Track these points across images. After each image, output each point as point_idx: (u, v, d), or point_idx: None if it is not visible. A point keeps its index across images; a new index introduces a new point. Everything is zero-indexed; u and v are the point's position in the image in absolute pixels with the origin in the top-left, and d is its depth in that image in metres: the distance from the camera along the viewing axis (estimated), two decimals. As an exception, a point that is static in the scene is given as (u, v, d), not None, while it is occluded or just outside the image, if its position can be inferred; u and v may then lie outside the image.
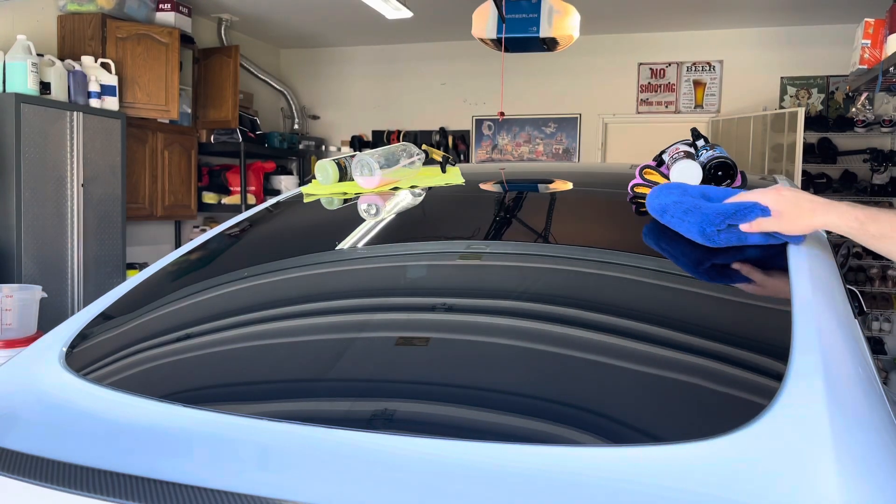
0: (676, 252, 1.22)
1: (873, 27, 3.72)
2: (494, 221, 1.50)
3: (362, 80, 7.39)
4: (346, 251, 1.39)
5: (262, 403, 0.90)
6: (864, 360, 0.88)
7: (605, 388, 0.88)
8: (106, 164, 4.67)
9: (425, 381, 0.94)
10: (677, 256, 1.21)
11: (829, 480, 0.67)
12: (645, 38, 6.58)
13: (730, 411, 0.79)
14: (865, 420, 0.76)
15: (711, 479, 0.68)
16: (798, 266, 1.05)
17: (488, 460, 0.73)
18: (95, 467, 0.76)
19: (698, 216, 1.11)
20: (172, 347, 1.09)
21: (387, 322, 1.12)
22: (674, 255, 1.22)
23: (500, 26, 4.32)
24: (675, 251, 1.22)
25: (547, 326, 1.05)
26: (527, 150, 6.99)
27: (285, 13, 6.18)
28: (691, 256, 1.18)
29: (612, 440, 0.78)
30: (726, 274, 1.15)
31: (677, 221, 1.15)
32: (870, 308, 5.78)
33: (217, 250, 1.52)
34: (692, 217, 1.11)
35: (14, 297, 3.40)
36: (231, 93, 6.02)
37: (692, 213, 1.12)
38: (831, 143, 6.02)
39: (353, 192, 1.66)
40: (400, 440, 0.78)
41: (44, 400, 0.97)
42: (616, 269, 1.21)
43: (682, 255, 1.21)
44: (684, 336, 0.99)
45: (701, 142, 1.50)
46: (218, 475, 0.74)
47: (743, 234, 1.09)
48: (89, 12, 4.92)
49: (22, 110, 4.06)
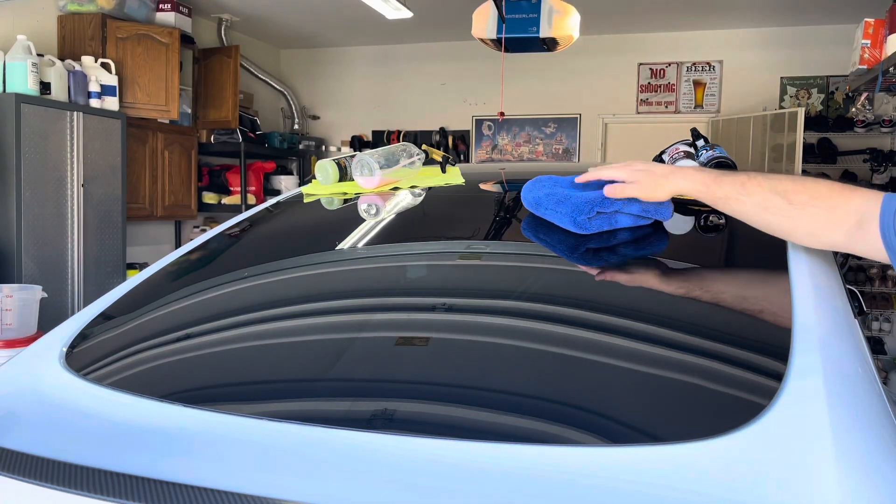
0: (676, 252, 1.22)
1: (873, 27, 3.72)
2: (494, 221, 1.50)
3: (362, 80, 7.39)
4: (346, 251, 1.39)
5: (263, 403, 0.90)
6: (864, 360, 0.88)
7: (605, 389, 0.88)
8: (106, 164, 4.67)
9: (425, 381, 0.94)
10: (677, 256, 1.21)
11: (829, 480, 0.67)
12: (645, 38, 6.58)
13: (730, 411, 0.79)
14: (865, 420, 0.76)
15: (711, 479, 0.68)
16: (798, 266, 1.06)
17: (488, 460, 0.73)
18: (95, 467, 0.76)
19: (568, 206, 1.16)
20: (173, 347, 1.09)
21: (387, 322, 1.12)
22: (674, 255, 1.22)
23: (500, 26, 4.32)
24: (676, 251, 1.22)
25: (547, 326, 1.05)
26: (527, 150, 6.99)
27: (285, 13, 6.18)
28: (691, 256, 1.18)
29: (612, 440, 0.78)
30: (726, 274, 1.15)
31: (551, 213, 1.20)
32: (870, 308, 5.78)
33: (217, 250, 1.52)
34: (563, 207, 1.17)
35: (14, 297, 3.40)
36: (231, 93, 6.02)
37: (563, 203, 1.18)
38: (831, 143, 6.02)
39: (353, 192, 1.66)
40: (400, 440, 0.78)
41: (44, 400, 0.97)
42: (616, 269, 1.21)
43: (682, 255, 1.21)
44: (684, 336, 0.99)
45: (701, 142, 1.50)
46: (218, 475, 0.74)
47: (612, 219, 1.15)
48: (89, 12, 4.92)
49: (22, 110, 4.06)
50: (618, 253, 1.20)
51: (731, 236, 1.31)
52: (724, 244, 1.30)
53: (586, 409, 0.85)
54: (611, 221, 1.16)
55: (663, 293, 1.12)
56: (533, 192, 1.27)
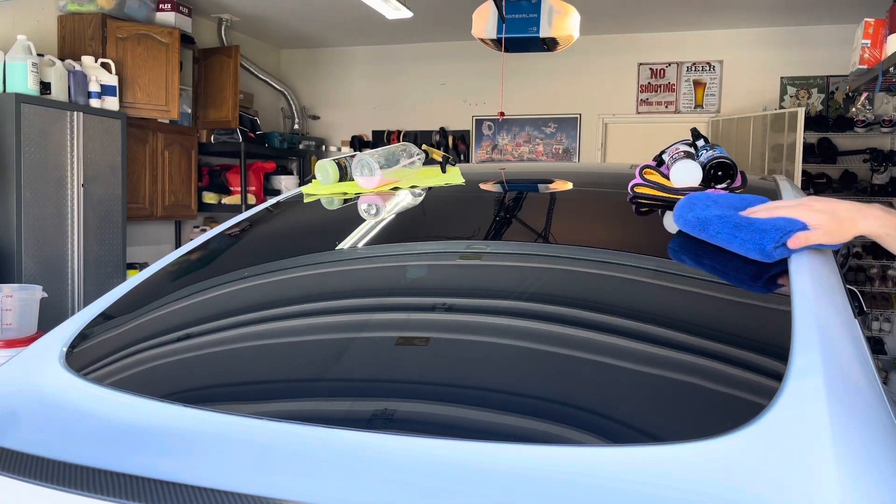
0: (677, 252, 1.22)
1: (873, 27, 3.72)
2: (494, 221, 1.50)
3: (362, 80, 7.39)
4: (346, 251, 1.39)
5: (263, 403, 0.90)
6: (864, 360, 0.88)
7: (605, 388, 0.88)
8: (106, 164, 4.67)
9: (426, 381, 0.94)
10: (677, 256, 1.21)
11: (829, 480, 0.67)
12: (645, 38, 6.58)
13: (730, 411, 0.79)
14: (865, 420, 0.76)
15: (711, 479, 0.68)
16: (798, 266, 1.06)
17: (488, 460, 0.73)
18: (95, 467, 0.76)
19: (755, 233, 1.07)
20: (173, 347, 1.09)
21: (387, 322, 1.12)
22: (674, 255, 1.22)
23: (500, 26, 4.32)
24: (677, 252, 1.22)
25: (547, 326, 1.05)
26: (527, 150, 6.99)
27: (285, 13, 6.18)
28: (691, 256, 1.18)
29: (612, 440, 0.78)
30: (727, 274, 1.15)
31: (725, 237, 1.11)
32: (870, 308, 5.78)
33: (217, 250, 1.52)
34: (745, 234, 1.08)
35: (14, 296, 3.40)
36: (231, 93, 6.02)
37: (744, 228, 1.09)
38: (831, 143, 6.02)
39: (353, 192, 1.66)
40: (400, 440, 0.78)
41: (44, 400, 0.97)
42: (616, 269, 1.21)
43: (682, 255, 1.21)
44: (684, 336, 0.99)
45: (701, 142, 1.50)
46: (218, 475, 0.74)
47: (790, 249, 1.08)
48: (89, 12, 4.92)
49: (22, 110, 4.06)
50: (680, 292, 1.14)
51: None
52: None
53: (586, 409, 0.85)
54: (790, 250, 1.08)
55: (663, 293, 1.12)
56: (695, 211, 1.18)
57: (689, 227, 1.18)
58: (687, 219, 1.18)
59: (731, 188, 1.41)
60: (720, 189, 1.40)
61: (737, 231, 1.09)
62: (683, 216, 1.20)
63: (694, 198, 1.23)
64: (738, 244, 1.09)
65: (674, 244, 1.25)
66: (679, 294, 1.12)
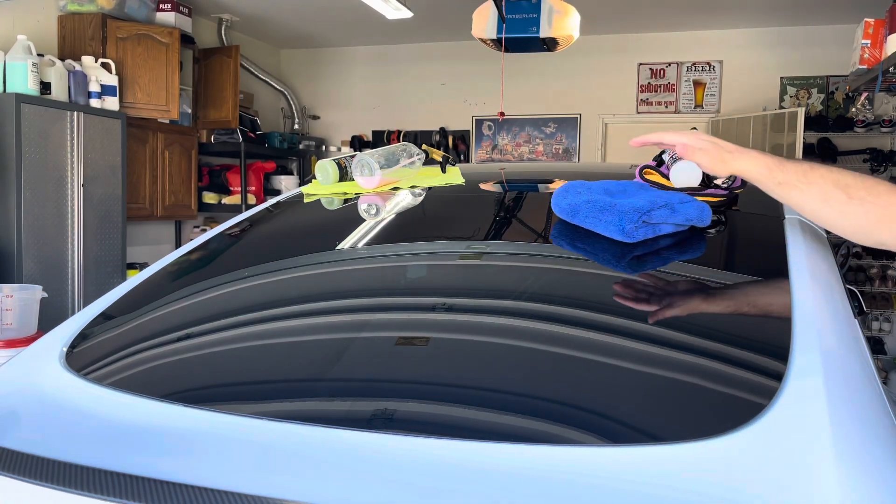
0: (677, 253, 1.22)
1: (873, 27, 3.72)
2: (494, 221, 1.50)
3: (362, 80, 7.39)
4: (346, 251, 1.39)
5: (263, 403, 0.90)
6: (864, 360, 0.88)
7: (605, 388, 0.88)
8: (106, 164, 4.67)
9: (426, 381, 0.95)
10: (678, 257, 1.21)
11: (828, 480, 0.67)
12: (645, 38, 6.58)
13: (730, 411, 0.79)
14: (865, 420, 0.76)
15: (711, 479, 0.68)
16: (798, 266, 1.06)
17: (488, 460, 0.73)
18: (95, 467, 0.76)
19: (615, 214, 1.14)
20: (173, 347, 1.09)
21: (387, 322, 1.12)
22: (675, 256, 1.22)
23: (500, 26, 4.32)
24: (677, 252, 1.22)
25: (547, 326, 1.05)
26: (527, 150, 6.99)
27: (285, 13, 6.18)
28: (691, 257, 1.18)
29: (613, 440, 0.78)
30: (727, 274, 1.15)
31: (592, 221, 1.18)
32: (870, 308, 5.78)
33: (217, 250, 1.52)
34: (608, 215, 1.15)
35: (14, 296, 3.40)
36: (231, 93, 6.02)
37: (607, 211, 1.15)
38: (831, 143, 6.02)
39: (353, 192, 1.66)
40: (401, 440, 0.78)
41: (44, 400, 0.97)
42: (615, 269, 1.21)
43: (683, 256, 1.21)
44: (685, 336, 0.99)
45: (701, 142, 1.49)
46: (218, 475, 0.74)
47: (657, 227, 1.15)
48: (89, 12, 4.92)
49: (22, 110, 4.06)
50: (663, 260, 1.19)
51: (731, 236, 1.31)
52: (724, 244, 1.30)
53: (587, 409, 0.85)
54: (655, 229, 1.15)
55: (663, 293, 1.12)
56: (568, 199, 1.24)
57: (564, 214, 1.24)
58: (561, 206, 1.25)
59: (731, 188, 1.41)
60: (720, 189, 1.40)
61: (601, 214, 1.16)
62: (558, 204, 1.26)
63: (569, 185, 1.29)
64: (602, 226, 1.16)
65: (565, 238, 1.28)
66: (679, 294, 1.12)
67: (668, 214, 1.14)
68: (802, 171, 1.02)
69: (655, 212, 1.13)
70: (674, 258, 1.22)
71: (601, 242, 1.18)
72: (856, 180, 0.99)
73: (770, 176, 1.04)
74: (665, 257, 1.22)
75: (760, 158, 1.06)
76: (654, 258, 1.21)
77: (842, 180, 0.99)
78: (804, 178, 1.01)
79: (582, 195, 1.23)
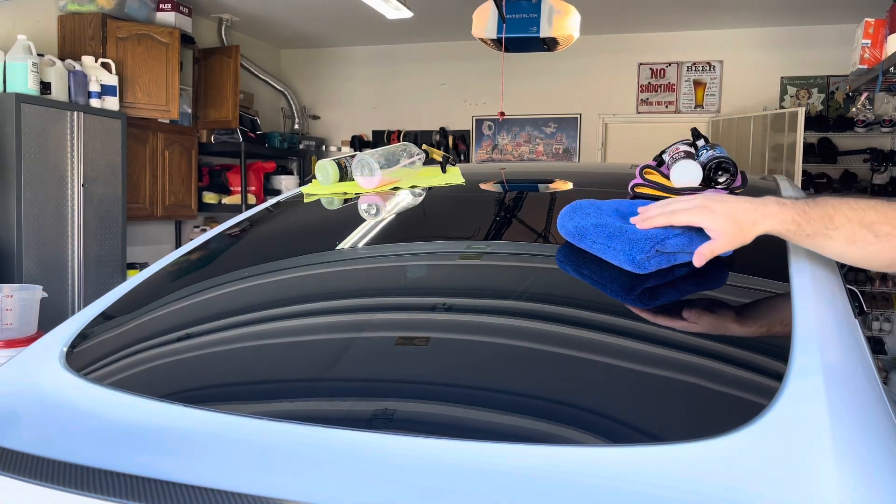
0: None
1: (873, 27, 3.72)
2: (495, 221, 1.50)
3: (362, 80, 7.39)
4: (346, 251, 1.39)
5: (263, 403, 0.90)
6: (864, 360, 0.88)
7: (605, 388, 0.88)
8: (106, 164, 4.68)
9: (426, 381, 0.94)
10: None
11: (829, 480, 0.67)
12: (645, 38, 6.58)
13: (730, 411, 0.79)
14: (865, 420, 0.76)
15: (711, 479, 0.68)
16: (798, 266, 1.06)
17: (488, 460, 0.73)
18: (95, 467, 0.76)
19: (625, 242, 1.04)
20: (173, 347, 1.09)
21: (387, 322, 1.12)
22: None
23: (500, 26, 4.32)
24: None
25: (547, 326, 1.05)
26: (527, 150, 6.99)
27: (285, 13, 6.18)
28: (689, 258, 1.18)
29: (613, 440, 0.78)
30: (726, 274, 1.15)
31: (600, 247, 1.08)
32: (870, 308, 5.78)
33: (217, 250, 1.52)
34: (617, 242, 1.05)
35: (14, 296, 3.40)
36: (231, 93, 6.02)
37: (617, 238, 1.06)
38: (831, 143, 6.02)
39: (353, 192, 1.66)
40: (400, 440, 0.78)
41: (44, 400, 0.97)
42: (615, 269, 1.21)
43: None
44: (685, 336, 0.99)
45: (701, 142, 1.49)
46: (218, 475, 0.74)
47: (672, 257, 1.06)
48: (90, 12, 4.92)
49: (22, 110, 4.06)
50: (679, 292, 1.10)
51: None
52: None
53: (587, 409, 0.85)
54: (669, 259, 1.05)
55: (663, 293, 1.12)
56: (574, 220, 1.14)
57: (569, 236, 1.15)
58: (567, 228, 1.15)
59: (732, 188, 1.41)
60: (720, 189, 1.40)
61: (610, 240, 1.06)
62: (564, 225, 1.16)
63: (576, 205, 1.19)
64: (611, 254, 1.06)
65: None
66: (679, 294, 1.12)
67: (685, 243, 1.04)
68: (828, 216, 0.98)
69: (671, 240, 1.04)
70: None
71: (608, 271, 1.11)
72: (879, 215, 0.97)
73: (799, 231, 1.00)
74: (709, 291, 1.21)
75: (782, 213, 1.00)
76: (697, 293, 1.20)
77: (866, 218, 0.97)
78: (831, 224, 0.98)
79: (590, 217, 1.13)
